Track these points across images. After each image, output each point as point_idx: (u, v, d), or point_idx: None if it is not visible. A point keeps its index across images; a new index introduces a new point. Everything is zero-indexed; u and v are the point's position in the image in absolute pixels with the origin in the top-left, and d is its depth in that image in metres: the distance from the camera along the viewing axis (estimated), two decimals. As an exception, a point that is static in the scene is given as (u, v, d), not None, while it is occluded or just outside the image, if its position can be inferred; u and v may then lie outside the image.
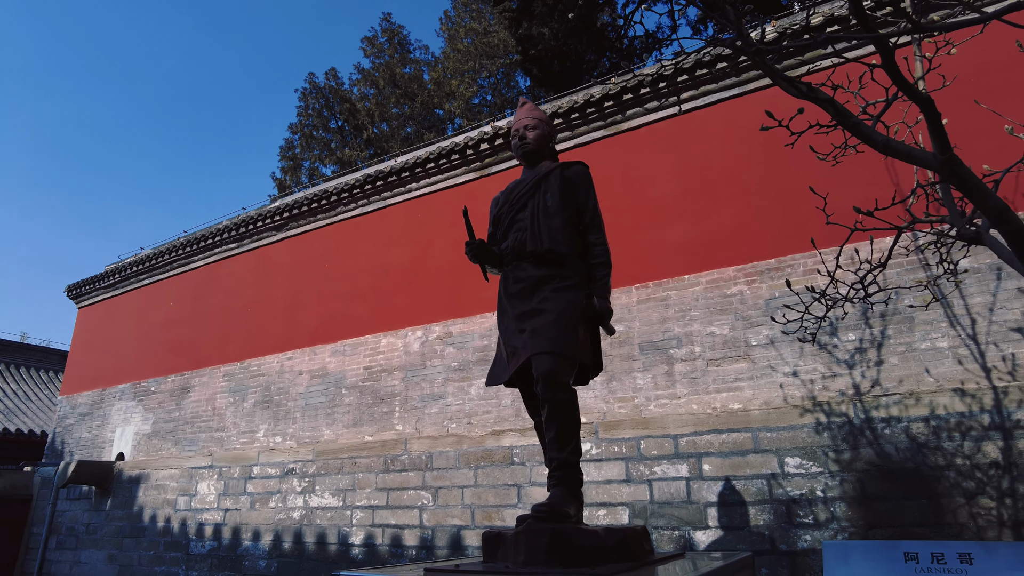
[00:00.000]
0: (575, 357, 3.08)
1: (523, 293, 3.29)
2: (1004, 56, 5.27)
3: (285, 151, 17.47)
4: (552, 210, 3.39)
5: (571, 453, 2.96)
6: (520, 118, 3.82)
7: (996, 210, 2.51)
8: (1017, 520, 4.68)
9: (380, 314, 8.62)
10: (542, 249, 3.28)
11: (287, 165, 17.43)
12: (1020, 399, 4.90)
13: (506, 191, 3.72)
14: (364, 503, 7.62)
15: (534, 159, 3.69)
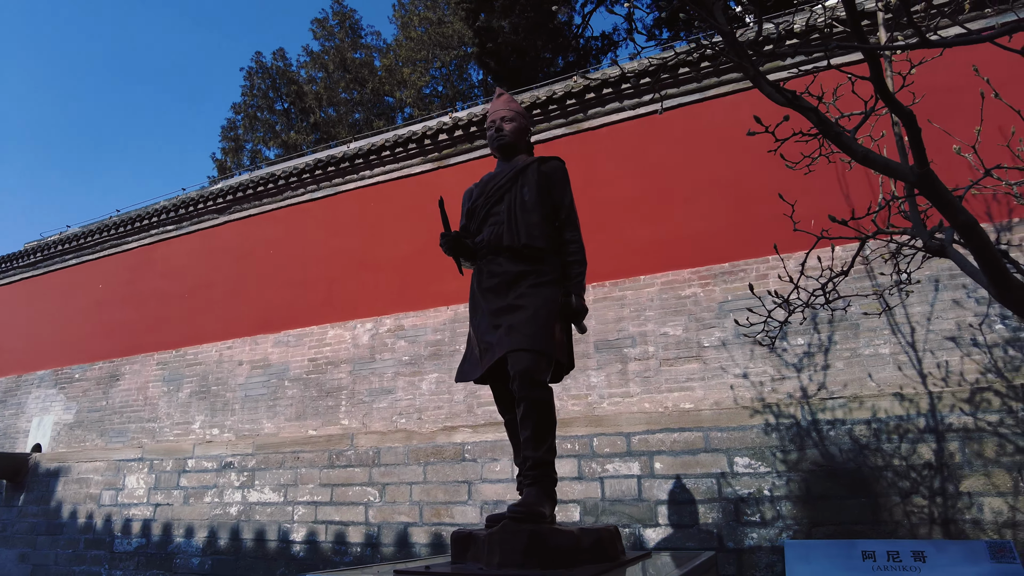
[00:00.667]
0: (552, 355, 3.03)
1: (498, 288, 3.22)
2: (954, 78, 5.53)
3: (227, 131, 16.73)
4: (529, 205, 3.33)
5: (546, 452, 2.92)
6: (497, 109, 3.73)
7: (966, 225, 2.61)
8: (946, 518, 4.94)
9: (328, 304, 8.36)
10: (519, 244, 3.22)
11: (228, 146, 16.68)
12: (952, 404, 5.18)
13: (480, 183, 3.63)
14: (307, 499, 7.38)
15: (510, 152, 3.62)
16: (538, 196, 3.36)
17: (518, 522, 2.68)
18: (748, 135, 3.30)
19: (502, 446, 6.64)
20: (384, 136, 8.58)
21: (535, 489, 2.87)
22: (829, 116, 3.85)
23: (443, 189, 8.15)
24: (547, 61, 13.48)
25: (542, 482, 2.88)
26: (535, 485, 2.88)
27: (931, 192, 2.65)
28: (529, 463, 2.89)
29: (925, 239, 3.07)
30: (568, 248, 3.33)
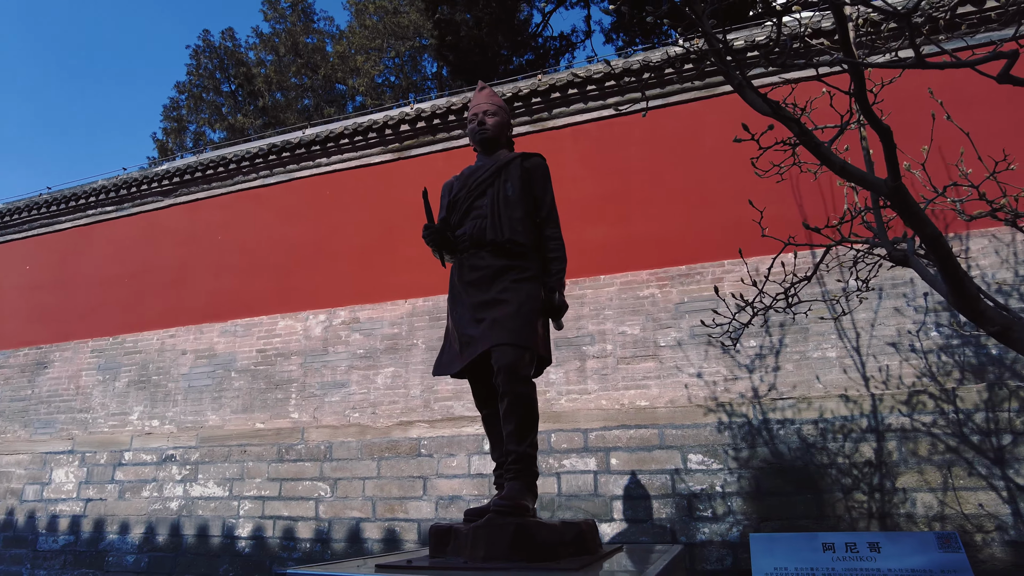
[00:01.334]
0: (535, 350, 3.06)
1: (481, 282, 3.21)
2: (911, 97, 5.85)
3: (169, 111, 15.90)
4: (512, 200, 3.34)
5: (529, 446, 2.93)
6: (479, 103, 3.71)
7: (932, 236, 2.78)
8: (883, 512, 5.24)
9: (279, 294, 8.13)
10: (503, 239, 3.21)
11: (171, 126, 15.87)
12: (892, 406, 5.49)
13: (461, 177, 3.60)
14: (254, 493, 7.16)
15: (491, 146, 3.61)
16: (521, 192, 3.37)
17: (504, 515, 2.68)
18: (735, 142, 3.39)
19: (459, 441, 6.63)
20: (343, 123, 8.40)
21: (518, 483, 2.88)
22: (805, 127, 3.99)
23: (404, 180, 8.07)
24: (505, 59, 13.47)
25: (524, 476, 2.90)
26: (518, 479, 2.89)
27: (901, 205, 2.80)
28: (512, 457, 2.91)
29: (888, 249, 3.25)
30: (548, 245, 3.36)
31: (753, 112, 6.16)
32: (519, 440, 2.90)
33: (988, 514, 5.04)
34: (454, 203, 3.52)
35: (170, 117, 15.73)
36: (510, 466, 2.91)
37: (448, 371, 3.27)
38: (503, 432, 2.97)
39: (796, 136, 3.01)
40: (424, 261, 7.56)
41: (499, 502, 2.73)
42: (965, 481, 5.15)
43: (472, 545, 2.68)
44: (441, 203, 3.71)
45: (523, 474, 2.90)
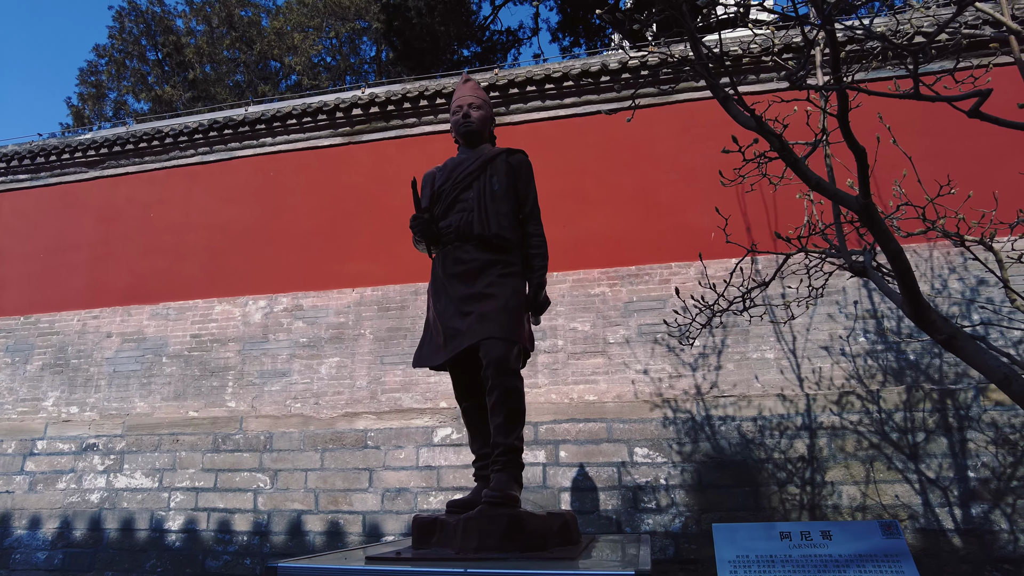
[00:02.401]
0: (522, 344, 3.11)
1: (466, 275, 3.22)
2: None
3: (86, 75, 14.65)
4: (499, 195, 3.36)
5: (516, 439, 2.98)
6: (464, 95, 3.71)
7: (894, 251, 3.02)
8: (813, 504, 5.63)
9: (215, 277, 7.77)
10: (489, 233, 3.23)
11: (87, 92, 14.65)
12: (824, 405, 5.89)
13: (445, 169, 3.59)
14: (186, 485, 6.84)
15: (475, 140, 3.62)
16: (506, 187, 3.40)
17: (496, 506, 2.72)
18: (723, 152, 3.54)
19: (407, 433, 6.58)
20: (291, 103, 8.11)
21: (505, 475, 2.92)
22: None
23: (354, 166, 7.89)
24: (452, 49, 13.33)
25: (511, 468, 2.95)
26: (505, 471, 2.93)
27: (870, 220, 3.03)
28: (500, 449, 2.94)
29: (847, 260, 3.50)
30: (531, 241, 3.40)
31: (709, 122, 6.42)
32: (507, 433, 2.94)
33: (903, 504, 5.51)
34: (439, 195, 3.50)
35: (87, 82, 14.52)
36: (498, 458, 2.95)
37: (430, 363, 3.26)
38: (491, 425, 3.00)
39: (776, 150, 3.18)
40: (374, 250, 7.45)
41: (490, 493, 2.76)
42: (884, 475, 5.60)
43: (463, 536, 2.70)
44: (422, 193, 3.68)
45: (510, 466, 2.94)
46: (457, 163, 3.55)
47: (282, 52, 15.48)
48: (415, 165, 7.72)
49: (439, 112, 7.73)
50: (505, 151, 3.56)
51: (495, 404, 2.95)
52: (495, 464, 2.95)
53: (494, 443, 2.97)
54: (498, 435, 2.95)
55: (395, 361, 6.97)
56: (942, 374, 5.85)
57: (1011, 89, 4.37)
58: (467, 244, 3.27)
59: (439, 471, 6.37)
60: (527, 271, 3.35)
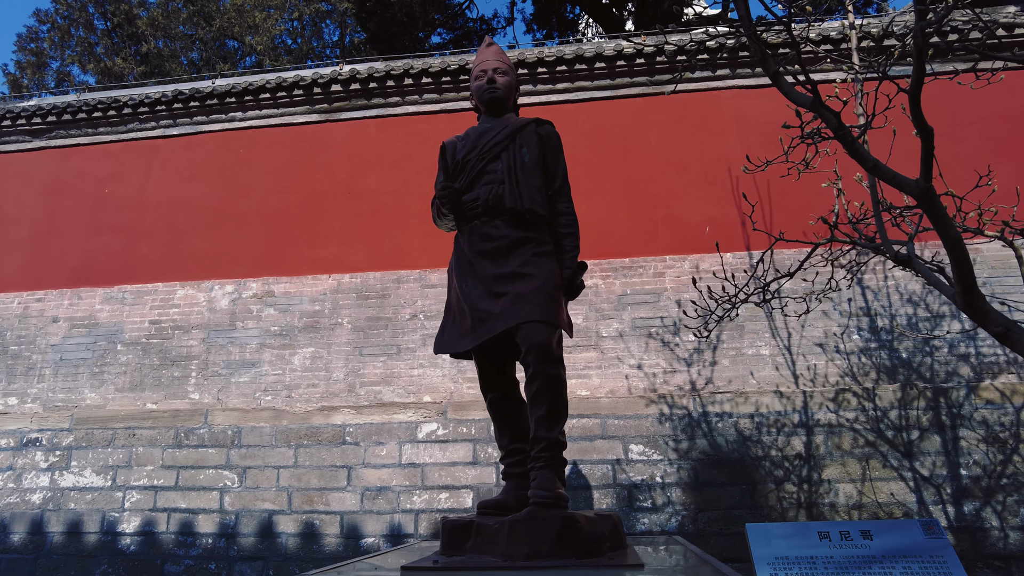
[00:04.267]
0: (562, 329, 2.84)
1: (495, 253, 2.93)
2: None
3: (25, 41, 13.49)
4: (529, 167, 3.09)
5: (560, 433, 2.71)
6: (487, 59, 3.41)
7: (954, 239, 2.88)
8: (810, 502, 5.56)
9: (177, 259, 7.20)
10: (523, 208, 2.95)
11: (27, 59, 13.49)
12: (820, 402, 5.83)
13: (468, 138, 3.28)
14: (144, 483, 6.28)
15: (499, 107, 3.33)
16: (537, 159, 3.13)
17: (547, 508, 2.45)
18: (784, 127, 3.34)
19: (389, 429, 6.21)
20: (265, 76, 7.59)
21: (549, 472, 2.65)
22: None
23: (331, 145, 7.45)
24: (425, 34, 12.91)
25: (555, 465, 2.68)
26: (548, 468, 2.65)
27: (929, 205, 2.89)
28: (542, 444, 2.66)
29: (890, 250, 3.37)
30: (560, 220, 3.13)
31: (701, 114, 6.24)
32: (550, 426, 2.67)
33: (898, 502, 5.49)
34: (462, 165, 3.19)
35: (27, 49, 13.37)
36: (540, 454, 2.67)
37: (454, 349, 2.96)
38: (531, 417, 2.72)
39: (833, 131, 3.00)
40: (352, 234, 7.03)
41: (539, 493, 2.48)
42: (880, 472, 5.57)
43: (509, 541, 2.41)
44: (441, 163, 3.37)
45: (554, 462, 2.67)
46: (482, 132, 3.25)
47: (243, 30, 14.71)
48: (398, 147, 7.35)
49: (424, 92, 7.37)
50: (534, 121, 3.29)
51: (536, 394, 2.67)
52: (537, 461, 2.67)
53: (536, 437, 2.68)
54: (540, 429, 2.67)
55: (375, 352, 6.58)
56: (933, 372, 5.87)
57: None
58: (496, 219, 2.97)
59: (423, 469, 6.03)
60: (557, 251, 3.07)
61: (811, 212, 5.31)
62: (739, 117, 6.91)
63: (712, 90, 7.05)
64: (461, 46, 13.22)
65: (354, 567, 2.46)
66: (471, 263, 2.97)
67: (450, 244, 6.91)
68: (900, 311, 6.08)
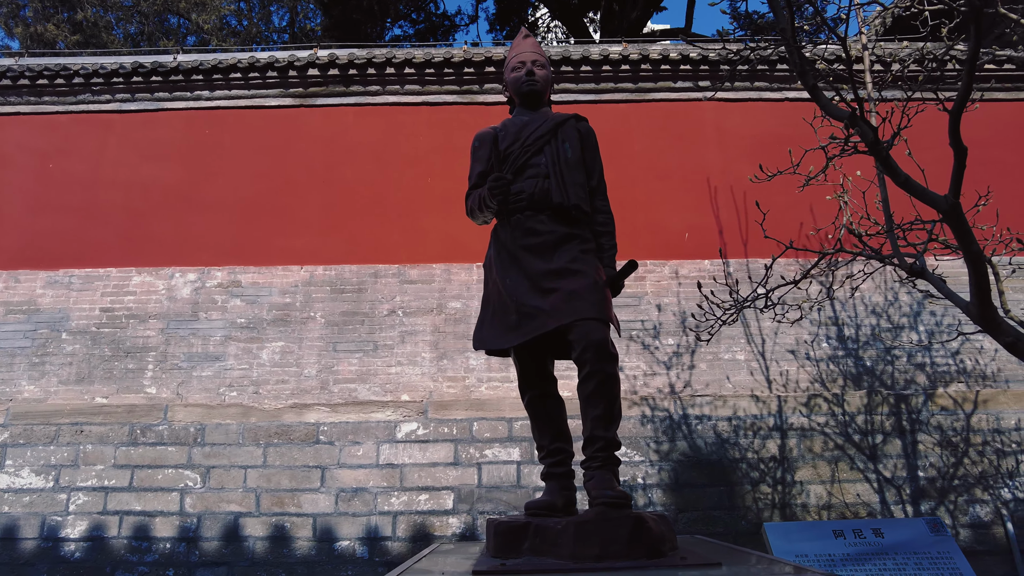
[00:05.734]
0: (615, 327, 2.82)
1: (542, 248, 2.88)
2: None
3: (-59, -2, 12.21)
4: (572, 163, 3.06)
5: (615, 433, 2.69)
6: (525, 50, 3.35)
7: (976, 254, 3.05)
8: (784, 503, 5.76)
9: (134, 243, 6.71)
10: (569, 204, 2.92)
11: (-57, 18, 12.22)
12: (794, 407, 6.06)
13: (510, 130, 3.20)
14: (92, 484, 5.80)
15: (536, 101, 3.28)
16: (579, 155, 3.11)
17: (617, 508, 2.42)
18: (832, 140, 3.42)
19: (366, 428, 6.00)
20: (237, 55, 7.19)
21: (606, 473, 2.62)
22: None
23: (305, 131, 7.16)
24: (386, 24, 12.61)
25: (612, 464, 2.65)
26: (605, 468, 2.63)
27: (956, 221, 3.04)
28: (600, 444, 2.63)
29: (902, 262, 3.53)
30: (598, 218, 3.11)
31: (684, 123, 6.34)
32: (607, 425, 2.63)
33: (863, 502, 5.77)
34: (504, 157, 3.11)
35: (-56, 7, 12.12)
36: (597, 454, 2.63)
37: (499, 344, 2.88)
38: (587, 416, 2.67)
39: (869, 146, 3.12)
40: (327, 225, 6.76)
41: (607, 493, 2.45)
42: (847, 474, 5.84)
43: (576, 542, 2.36)
44: (477, 154, 3.29)
45: (611, 462, 2.64)
46: (522, 124, 3.18)
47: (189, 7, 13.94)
48: (377, 137, 7.14)
49: (406, 83, 7.19)
50: (573, 116, 3.26)
51: (593, 393, 2.63)
52: (593, 461, 2.63)
53: (592, 437, 2.64)
54: (598, 428, 2.63)
55: (350, 348, 6.35)
56: (894, 380, 6.22)
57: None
58: (540, 214, 2.92)
59: (402, 469, 5.86)
60: (596, 249, 3.04)
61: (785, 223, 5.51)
62: (719, 129, 7.11)
63: (694, 101, 7.22)
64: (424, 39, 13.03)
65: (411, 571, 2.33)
66: (515, 257, 2.90)
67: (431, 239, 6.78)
68: (865, 321, 6.41)
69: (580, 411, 2.70)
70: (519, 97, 3.23)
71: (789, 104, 7.19)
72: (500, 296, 2.91)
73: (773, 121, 7.07)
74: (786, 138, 6.95)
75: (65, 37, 12.14)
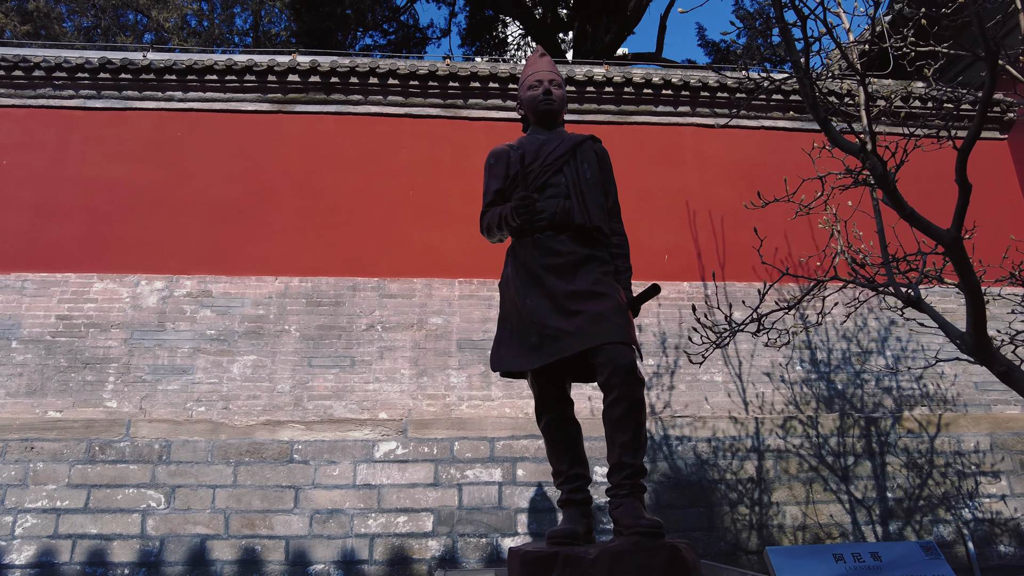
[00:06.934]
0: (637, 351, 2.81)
1: (563, 269, 2.87)
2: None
3: None
4: (592, 184, 3.07)
5: (642, 459, 2.67)
6: (542, 69, 3.35)
7: (974, 286, 3.17)
8: (761, 524, 5.84)
9: (95, 247, 6.36)
10: (591, 225, 2.93)
11: None
12: (771, 428, 6.17)
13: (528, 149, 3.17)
14: (42, 505, 5.40)
15: (553, 120, 3.28)
16: (597, 177, 3.12)
17: (654, 537, 2.39)
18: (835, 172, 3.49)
19: (343, 447, 5.80)
20: (214, 57, 6.94)
21: (635, 501, 2.60)
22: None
23: (283, 138, 6.96)
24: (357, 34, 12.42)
25: (639, 492, 2.63)
26: (634, 495, 2.61)
27: (957, 254, 3.16)
28: (628, 471, 2.60)
29: (898, 292, 3.65)
30: (614, 240, 3.13)
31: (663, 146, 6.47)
32: (635, 451, 2.61)
33: (836, 523, 5.91)
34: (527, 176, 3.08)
35: None
36: (625, 481, 2.61)
37: (521, 366, 2.84)
38: (614, 442, 2.64)
39: (876, 178, 3.21)
40: (303, 234, 6.56)
41: (643, 522, 2.43)
42: (821, 495, 5.98)
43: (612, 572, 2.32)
44: (493, 171, 3.26)
45: (639, 490, 2.62)
46: (540, 143, 3.17)
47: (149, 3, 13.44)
48: (358, 147, 6.99)
49: (389, 94, 7.08)
50: (590, 137, 3.27)
51: (622, 418, 2.60)
52: (621, 489, 2.61)
53: (621, 463, 2.61)
54: (626, 455, 2.60)
55: (326, 364, 6.15)
56: (863, 403, 6.41)
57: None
58: (561, 234, 2.91)
59: (380, 490, 5.68)
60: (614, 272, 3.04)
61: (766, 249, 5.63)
62: (698, 153, 7.25)
63: (673, 125, 7.36)
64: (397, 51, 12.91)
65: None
66: (536, 277, 2.87)
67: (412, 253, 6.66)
68: (836, 346, 6.61)
69: (605, 435, 2.67)
70: (535, 115, 3.21)
71: (764, 132, 7.42)
72: (519, 315, 2.86)
73: (750, 147, 7.28)
74: (761, 164, 7.19)
75: (14, 27, 11.52)
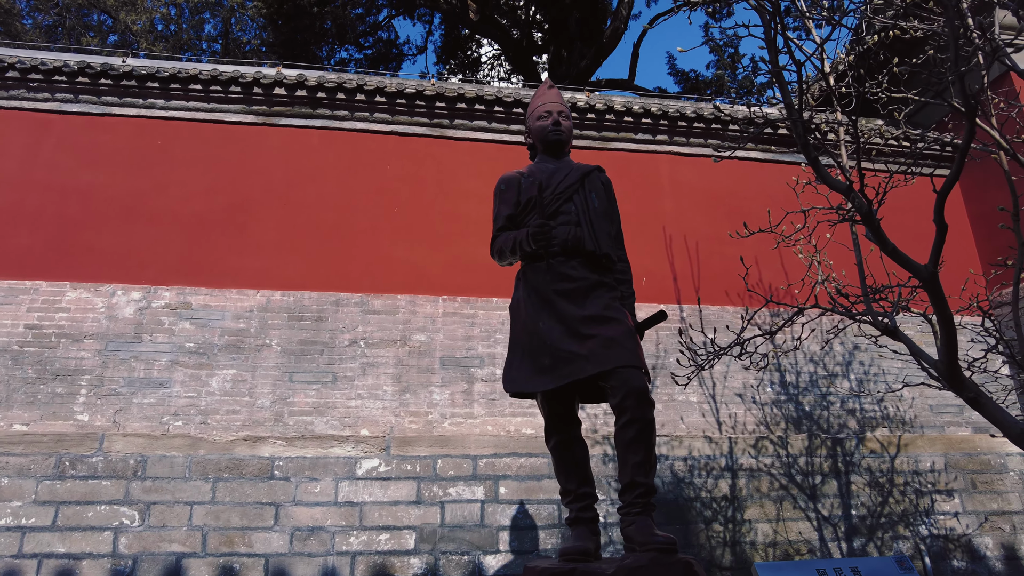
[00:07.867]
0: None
1: (575, 294, 3.00)
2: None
3: None
4: (599, 212, 3.22)
5: (653, 479, 2.79)
6: (550, 100, 3.50)
7: (947, 318, 3.42)
8: (734, 541, 6.02)
9: (68, 255, 6.19)
10: (601, 252, 3.08)
11: None
12: (744, 448, 6.39)
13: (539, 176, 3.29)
14: (6, 523, 5.19)
15: (560, 150, 3.43)
16: (606, 206, 3.28)
17: (669, 553, 2.49)
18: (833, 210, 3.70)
19: (325, 464, 5.76)
20: (198, 66, 6.88)
21: (647, 519, 2.71)
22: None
23: (267, 150, 6.94)
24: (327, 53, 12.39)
25: (650, 510, 2.74)
26: (645, 514, 2.71)
27: (933, 288, 3.40)
28: (640, 490, 2.72)
29: (876, 321, 3.88)
30: (618, 266, 3.27)
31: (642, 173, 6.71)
32: (647, 471, 2.74)
33: (804, 540, 6.14)
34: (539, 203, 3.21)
35: None
36: (637, 500, 2.72)
37: (533, 388, 2.95)
38: (626, 463, 2.75)
39: (862, 216, 3.44)
40: (286, 248, 6.52)
41: (658, 539, 2.53)
42: (791, 513, 6.21)
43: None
44: (503, 197, 3.37)
45: (650, 508, 2.73)
46: (551, 171, 3.30)
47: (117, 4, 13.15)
48: (343, 162, 7.01)
49: (376, 111, 7.13)
50: (596, 168, 3.42)
51: (634, 439, 2.73)
52: (633, 507, 2.72)
53: (633, 483, 2.72)
54: (638, 474, 2.72)
55: (308, 379, 6.10)
56: (830, 424, 6.70)
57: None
58: (572, 260, 3.04)
59: (362, 508, 5.65)
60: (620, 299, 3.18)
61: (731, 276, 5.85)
62: (673, 181, 7.51)
63: (650, 152, 7.61)
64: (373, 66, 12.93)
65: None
66: (548, 301, 2.99)
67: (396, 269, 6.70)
68: (804, 368, 6.90)
69: (617, 455, 2.78)
70: (543, 145, 3.34)
71: (736, 162, 7.73)
72: (531, 338, 2.97)
73: (722, 176, 7.57)
74: (733, 193, 7.50)
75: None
